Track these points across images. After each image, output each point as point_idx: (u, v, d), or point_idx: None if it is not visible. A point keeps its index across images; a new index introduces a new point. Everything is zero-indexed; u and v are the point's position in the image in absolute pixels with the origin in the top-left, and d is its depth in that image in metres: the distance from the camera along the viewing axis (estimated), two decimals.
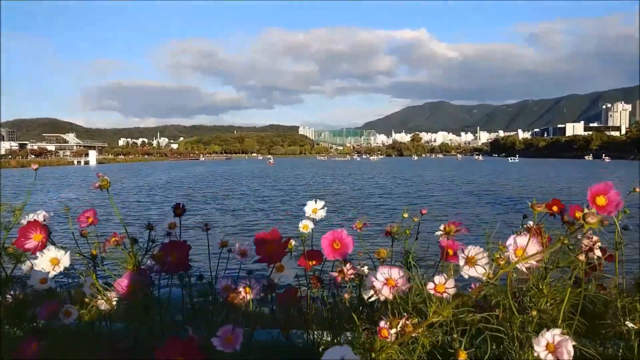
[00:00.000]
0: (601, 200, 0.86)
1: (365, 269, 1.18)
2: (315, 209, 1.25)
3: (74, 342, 1.12)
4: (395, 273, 0.97)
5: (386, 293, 0.96)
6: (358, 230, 1.29)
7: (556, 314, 0.99)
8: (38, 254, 1.11)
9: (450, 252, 1.03)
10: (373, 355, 0.85)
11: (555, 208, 1.20)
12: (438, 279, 0.90)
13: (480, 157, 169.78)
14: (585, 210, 0.81)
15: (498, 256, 0.85)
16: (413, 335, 0.88)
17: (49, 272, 1.11)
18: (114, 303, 1.17)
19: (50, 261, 1.11)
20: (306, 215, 1.26)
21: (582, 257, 0.99)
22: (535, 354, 0.85)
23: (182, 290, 1.37)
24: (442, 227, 1.06)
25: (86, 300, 1.17)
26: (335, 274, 1.14)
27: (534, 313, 0.96)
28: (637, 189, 1.23)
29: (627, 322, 1.22)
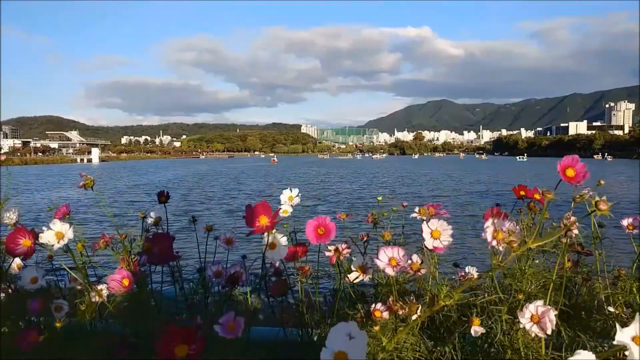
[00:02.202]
0: (570, 172, 0.94)
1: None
2: (291, 196, 1.35)
3: (70, 340, 1.15)
4: (397, 252, 1.04)
5: (390, 272, 1.02)
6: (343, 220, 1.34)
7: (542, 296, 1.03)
8: (44, 229, 1.15)
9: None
10: (385, 341, 0.88)
11: (522, 193, 1.29)
12: (415, 257, 0.94)
13: (484, 156, 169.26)
14: (597, 198, 0.90)
15: (511, 238, 0.89)
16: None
17: (53, 245, 1.14)
18: (105, 295, 1.20)
19: (56, 235, 1.15)
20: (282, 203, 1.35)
21: (564, 240, 1.03)
22: (521, 326, 0.89)
23: (174, 285, 1.41)
24: (417, 210, 1.11)
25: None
26: (330, 253, 1.19)
27: (521, 296, 0.99)
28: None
29: (609, 307, 1.26)
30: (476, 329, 1.03)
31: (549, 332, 0.88)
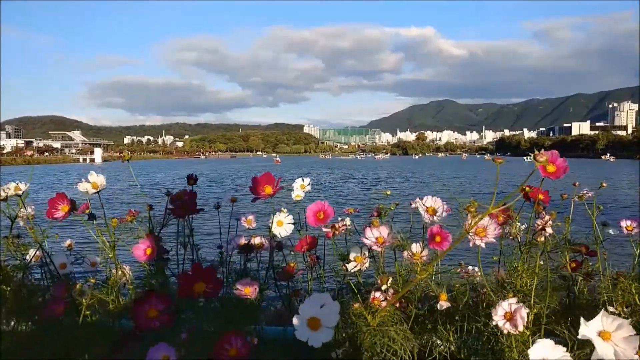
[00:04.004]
0: (551, 168, 0.95)
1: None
2: (303, 185, 1.44)
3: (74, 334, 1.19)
4: (384, 231, 1.11)
5: (376, 248, 1.10)
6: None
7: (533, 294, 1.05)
8: (83, 179, 1.30)
9: (438, 238, 1.09)
10: (369, 318, 0.93)
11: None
12: (415, 247, 0.98)
13: (488, 156, 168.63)
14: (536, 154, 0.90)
15: (471, 209, 0.92)
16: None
17: (89, 193, 1.29)
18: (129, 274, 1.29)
19: (92, 185, 1.28)
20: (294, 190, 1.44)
21: (541, 239, 1.05)
22: (494, 323, 0.92)
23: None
24: (417, 200, 1.15)
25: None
26: (327, 229, 1.26)
27: (510, 295, 1.01)
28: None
29: (608, 307, 1.28)
30: (442, 304, 1.13)
31: (520, 329, 0.90)
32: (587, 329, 0.81)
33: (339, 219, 1.38)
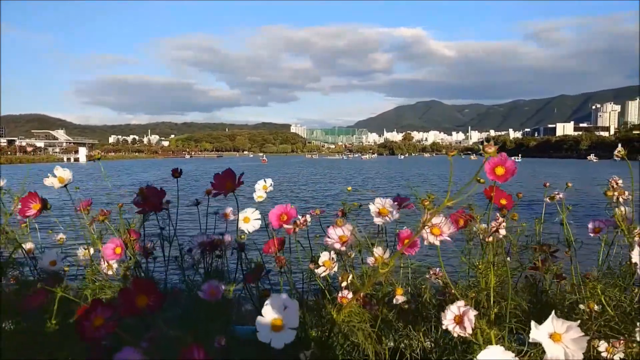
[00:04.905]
0: (500, 170, 0.96)
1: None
2: (265, 186, 1.49)
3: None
4: (346, 230, 1.13)
5: (338, 247, 1.12)
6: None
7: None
8: (49, 174, 1.37)
9: (406, 241, 1.10)
10: (335, 315, 0.94)
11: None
12: (377, 251, 0.99)
13: (473, 157, 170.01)
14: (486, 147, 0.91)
15: (426, 201, 0.94)
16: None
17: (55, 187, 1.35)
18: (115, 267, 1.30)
19: (59, 180, 1.36)
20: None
21: (490, 239, 1.07)
22: (444, 327, 0.93)
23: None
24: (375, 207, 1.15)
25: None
26: (289, 226, 1.28)
27: (472, 294, 1.02)
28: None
29: (580, 305, 1.30)
30: (398, 298, 1.16)
31: (469, 331, 0.91)
32: (538, 332, 0.82)
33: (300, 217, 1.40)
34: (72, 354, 1.11)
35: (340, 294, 1.03)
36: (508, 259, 1.19)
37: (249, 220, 1.36)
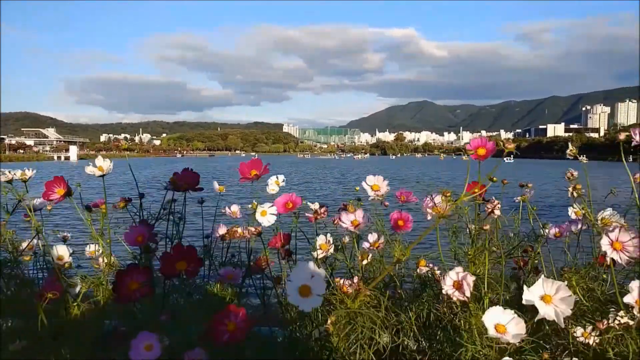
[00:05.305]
0: (481, 151, 1.06)
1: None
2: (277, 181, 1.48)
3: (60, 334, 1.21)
4: (360, 214, 1.20)
5: (352, 230, 1.19)
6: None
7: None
8: (90, 162, 1.42)
9: (400, 222, 1.19)
10: (349, 303, 1.00)
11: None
12: (371, 237, 1.08)
13: (465, 157, 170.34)
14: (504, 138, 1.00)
15: (446, 195, 1.01)
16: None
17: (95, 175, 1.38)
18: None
19: (99, 169, 1.39)
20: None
21: (487, 227, 1.14)
22: (444, 291, 1.00)
23: None
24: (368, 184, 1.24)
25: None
26: (310, 214, 1.35)
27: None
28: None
29: None
30: (422, 268, 1.23)
31: (467, 294, 0.98)
32: (530, 294, 0.90)
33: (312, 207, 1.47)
34: (73, 354, 1.14)
35: (350, 281, 1.07)
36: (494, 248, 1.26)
37: (266, 214, 1.39)
